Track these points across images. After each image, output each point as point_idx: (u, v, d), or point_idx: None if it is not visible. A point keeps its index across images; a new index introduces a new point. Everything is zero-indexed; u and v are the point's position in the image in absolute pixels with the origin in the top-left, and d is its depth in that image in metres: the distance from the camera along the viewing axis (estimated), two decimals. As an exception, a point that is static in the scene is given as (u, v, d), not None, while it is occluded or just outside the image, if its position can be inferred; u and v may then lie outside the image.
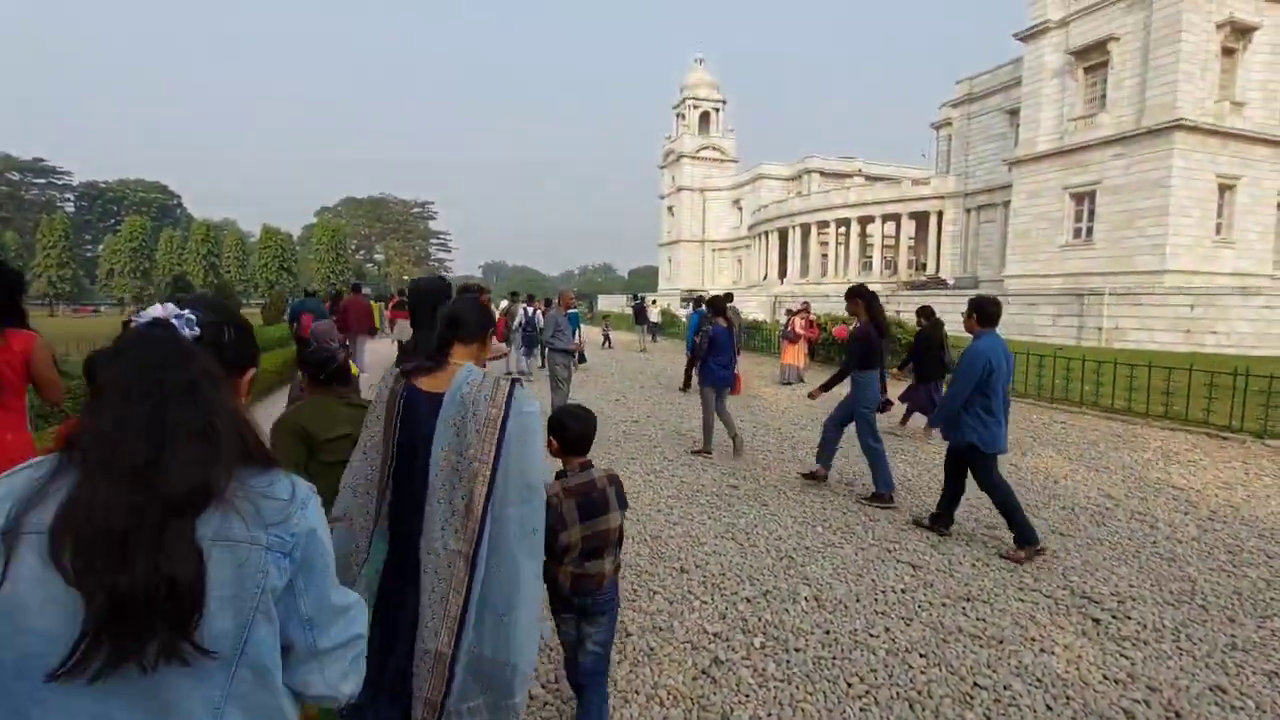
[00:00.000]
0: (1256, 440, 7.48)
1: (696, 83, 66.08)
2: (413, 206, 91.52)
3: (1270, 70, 24.53)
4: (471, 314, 1.92)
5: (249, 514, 0.88)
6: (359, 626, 1.03)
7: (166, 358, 0.89)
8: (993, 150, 34.36)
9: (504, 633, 1.63)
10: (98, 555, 0.76)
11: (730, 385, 7.09)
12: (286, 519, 0.91)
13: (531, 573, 1.70)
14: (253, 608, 0.86)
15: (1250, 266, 24.42)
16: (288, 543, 0.91)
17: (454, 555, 1.61)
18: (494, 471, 1.62)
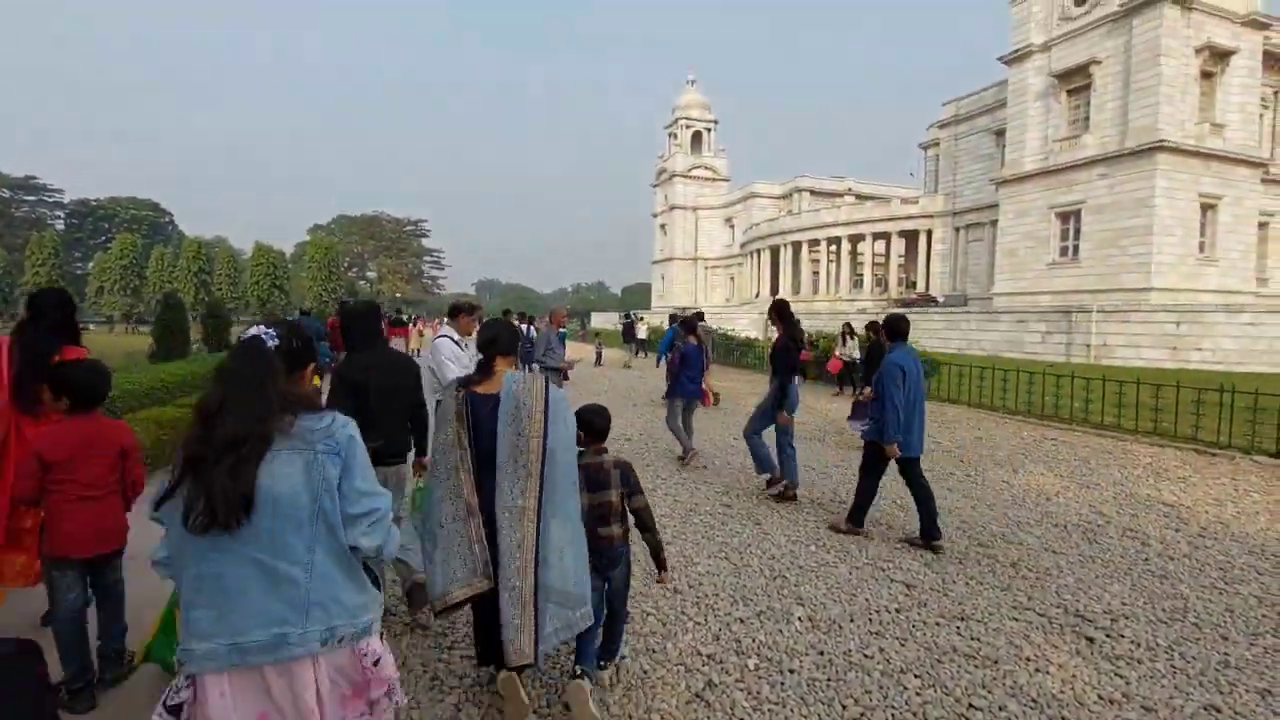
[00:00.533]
0: (1244, 456, 7.54)
1: (689, 103, 66.96)
2: (406, 225, 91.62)
3: (1248, 93, 25.18)
4: (506, 334, 2.60)
5: (305, 436, 1.54)
6: (377, 503, 1.62)
7: (250, 355, 1.61)
8: (980, 170, 34.92)
9: (566, 566, 2.34)
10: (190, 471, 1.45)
11: (699, 398, 7.60)
12: (331, 434, 1.57)
13: (576, 512, 2.46)
14: (319, 489, 1.51)
15: (1234, 284, 24.83)
16: (336, 446, 1.56)
17: (524, 510, 2.32)
18: (545, 443, 2.36)
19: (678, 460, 7.29)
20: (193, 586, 1.49)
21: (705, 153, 66.97)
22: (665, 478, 6.61)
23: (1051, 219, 27.01)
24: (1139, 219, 23.72)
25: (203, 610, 1.47)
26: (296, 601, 1.49)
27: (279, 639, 1.47)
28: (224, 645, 1.45)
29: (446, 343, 4.81)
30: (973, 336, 23.67)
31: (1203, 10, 23.58)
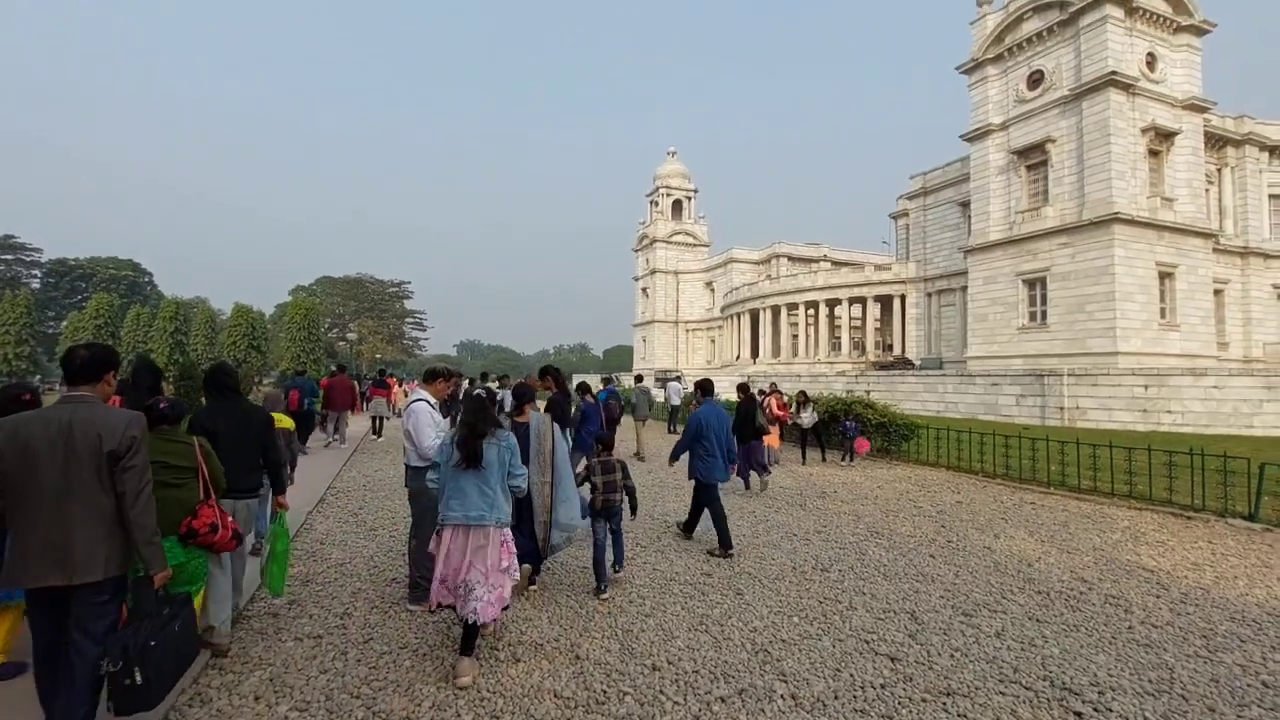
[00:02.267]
0: (1219, 519, 7.60)
1: (670, 173, 69.51)
2: (389, 286, 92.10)
3: (1193, 170, 26.85)
4: (529, 391, 5.29)
5: (497, 436, 3.88)
6: (520, 469, 3.99)
7: (480, 401, 3.99)
8: (948, 239, 36.35)
9: (565, 508, 4.87)
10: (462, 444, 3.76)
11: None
12: (506, 439, 3.94)
13: (570, 479, 5.03)
14: (504, 458, 3.85)
15: (1196, 348, 25.70)
16: (509, 444, 3.93)
17: (544, 484, 4.83)
18: (553, 449, 4.95)
19: (673, 530, 7.13)
20: (450, 491, 3.75)
21: (686, 219, 69.05)
22: (644, 545, 6.46)
23: (1019, 285, 28.01)
24: (1101, 286, 24.70)
25: (454, 500, 3.72)
26: (490, 502, 3.73)
27: (481, 516, 3.69)
28: (459, 515, 3.68)
29: (424, 408, 4.76)
30: (950, 400, 24.01)
31: (1145, 95, 25.42)
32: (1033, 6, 27.61)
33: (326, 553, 6.04)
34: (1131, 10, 25.25)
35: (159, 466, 3.25)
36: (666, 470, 9.62)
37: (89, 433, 2.60)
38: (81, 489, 2.58)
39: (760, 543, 6.58)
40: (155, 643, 2.68)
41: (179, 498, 3.36)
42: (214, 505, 3.54)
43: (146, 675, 2.62)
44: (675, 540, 6.66)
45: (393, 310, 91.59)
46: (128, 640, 2.61)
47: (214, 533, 3.45)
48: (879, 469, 11.73)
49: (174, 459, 3.45)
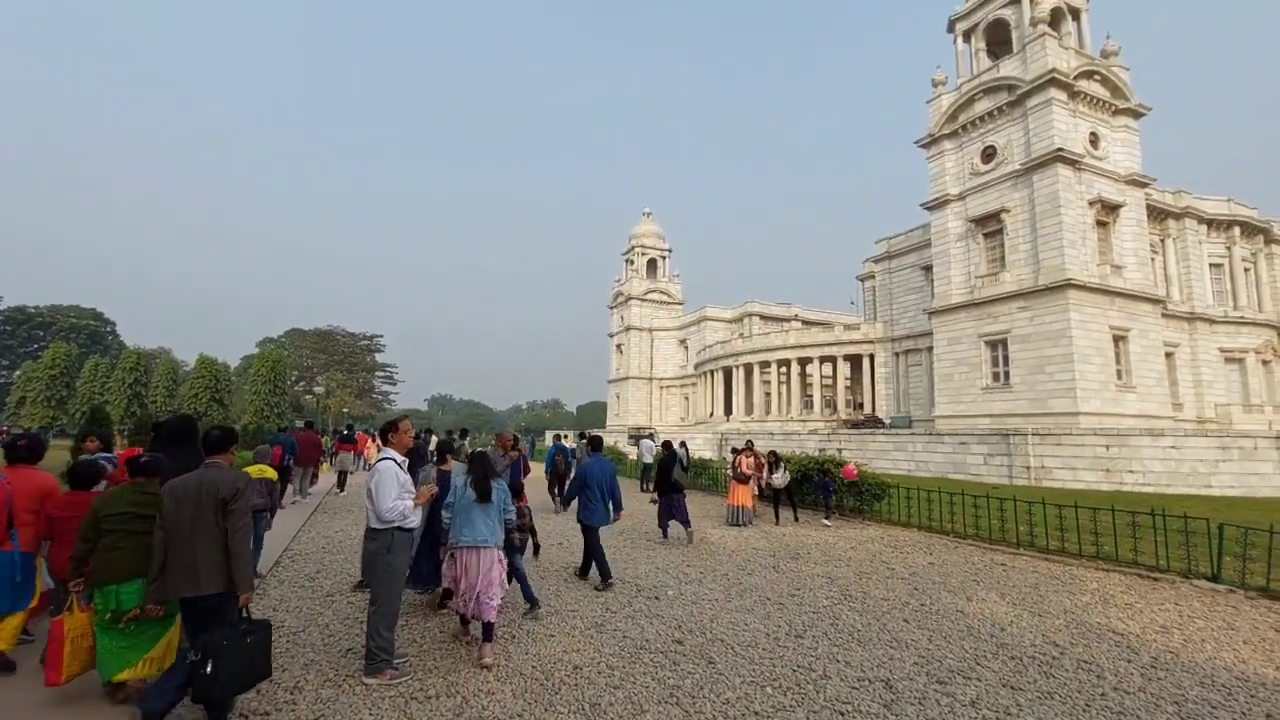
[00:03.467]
0: (1184, 580, 7.69)
1: (645, 233, 71.22)
2: (360, 339, 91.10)
3: (1138, 240, 28.45)
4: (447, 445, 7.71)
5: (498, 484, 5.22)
6: (511, 506, 5.37)
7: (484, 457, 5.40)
8: (913, 301, 37.57)
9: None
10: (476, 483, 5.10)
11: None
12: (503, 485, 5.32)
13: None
14: (502, 497, 5.22)
15: (1153, 409, 26.57)
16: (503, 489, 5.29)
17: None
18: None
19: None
20: (462, 521, 5.01)
21: (660, 278, 70.36)
22: (614, 610, 6.27)
23: (982, 346, 28.90)
24: (1060, 348, 25.63)
25: (465, 529, 4.98)
26: (491, 530, 5.02)
27: (485, 540, 4.96)
28: (470, 539, 4.94)
29: (390, 468, 4.63)
30: (919, 458, 24.26)
31: (1090, 170, 27.16)
32: (983, 89, 29.64)
33: (279, 620, 5.72)
34: (1074, 94, 27.26)
35: (131, 516, 3.89)
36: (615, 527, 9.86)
37: (212, 488, 3.67)
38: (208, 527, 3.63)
39: (733, 607, 6.44)
40: (227, 643, 3.40)
41: (149, 544, 3.71)
42: None
43: (216, 668, 3.30)
44: (648, 602, 6.48)
45: (363, 364, 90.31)
46: (209, 638, 3.37)
47: None
48: (851, 529, 11.69)
49: (145, 509, 3.89)
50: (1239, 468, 17.54)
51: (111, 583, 3.82)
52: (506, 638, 5.38)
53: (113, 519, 3.87)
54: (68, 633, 3.84)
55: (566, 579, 7.58)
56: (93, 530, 3.86)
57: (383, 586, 4.54)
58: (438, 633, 5.53)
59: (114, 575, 3.83)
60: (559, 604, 6.46)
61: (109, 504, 3.94)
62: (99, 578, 3.83)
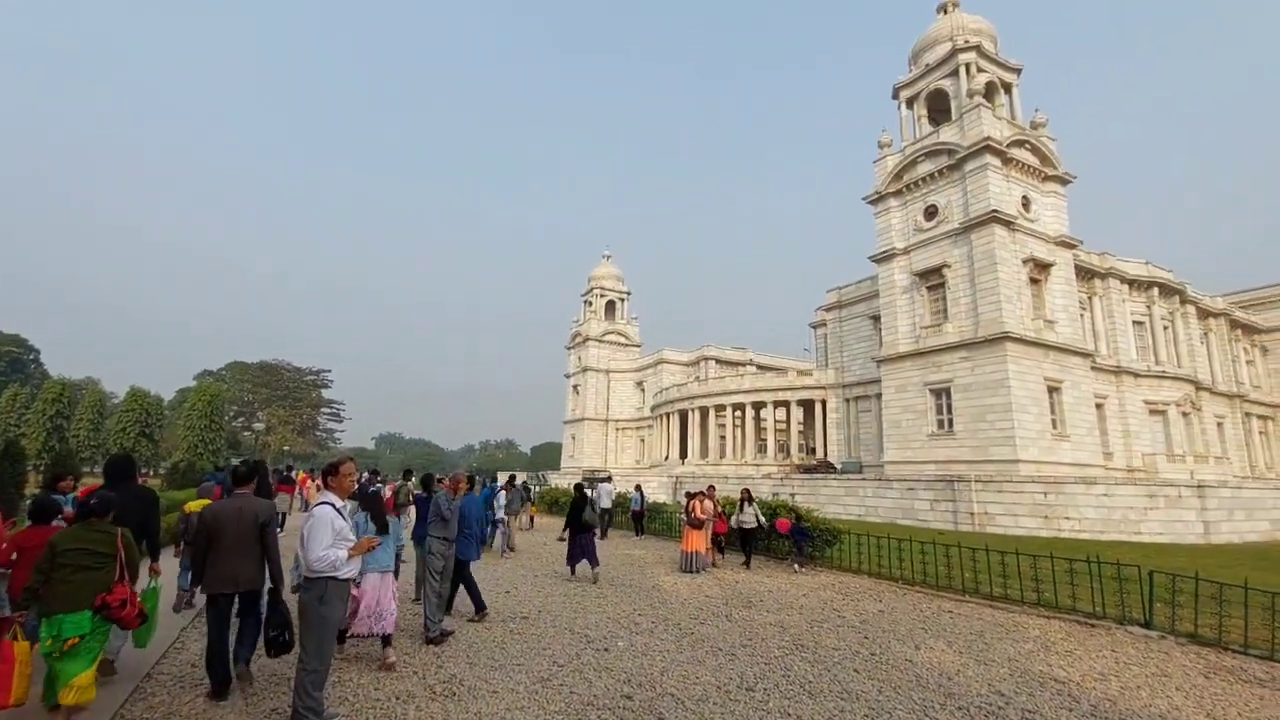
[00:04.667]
0: (1119, 627, 7.92)
1: (604, 275, 71.91)
2: (306, 374, 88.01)
3: (1068, 297, 30.27)
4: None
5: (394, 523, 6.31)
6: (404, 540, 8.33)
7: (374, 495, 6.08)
8: (863, 349, 38.77)
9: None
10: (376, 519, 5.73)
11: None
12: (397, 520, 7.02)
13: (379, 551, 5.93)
14: (396, 531, 6.35)
15: (1085, 458, 27.81)
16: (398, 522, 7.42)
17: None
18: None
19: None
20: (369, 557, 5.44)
21: (618, 320, 70.83)
22: (562, 664, 6.03)
23: (927, 395, 29.91)
24: (999, 397, 26.73)
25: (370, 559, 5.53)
26: (389, 557, 5.96)
27: (387, 566, 5.92)
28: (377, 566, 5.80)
29: (326, 514, 4.41)
30: (869, 503, 24.64)
31: (1023, 231, 28.97)
32: (925, 152, 31.52)
33: (198, 677, 5.30)
34: (1007, 160, 29.26)
35: (82, 553, 4.23)
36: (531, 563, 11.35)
37: (250, 513, 5.05)
38: (246, 541, 4.99)
39: (685, 659, 6.29)
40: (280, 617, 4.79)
41: (98, 579, 4.23)
42: (127, 585, 4.36)
43: (289, 636, 4.75)
44: (597, 654, 6.27)
45: (308, 399, 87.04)
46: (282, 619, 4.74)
47: (123, 608, 4.28)
48: (803, 576, 11.69)
49: (96, 546, 4.31)
50: (1165, 515, 18.42)
51: (60, 613, 4.09)
52: (446, 695, 5.11)
53: (68, 554, 4.17)
54: (17, 656, 3.99)
55: (513, 630, 7.29)
56: (48, 564, 4.13)
57: (312, 641, 4.27)
58: (373, 691, 5.21)
59: (63, 606, 4.10)
60: (504, 657, 6.20)
61: (65, 540, 4.25)
62: (49, 608, 4.11)
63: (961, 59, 31.06)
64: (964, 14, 33.77)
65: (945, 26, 33.42)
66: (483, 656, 6.18)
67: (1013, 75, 32.40)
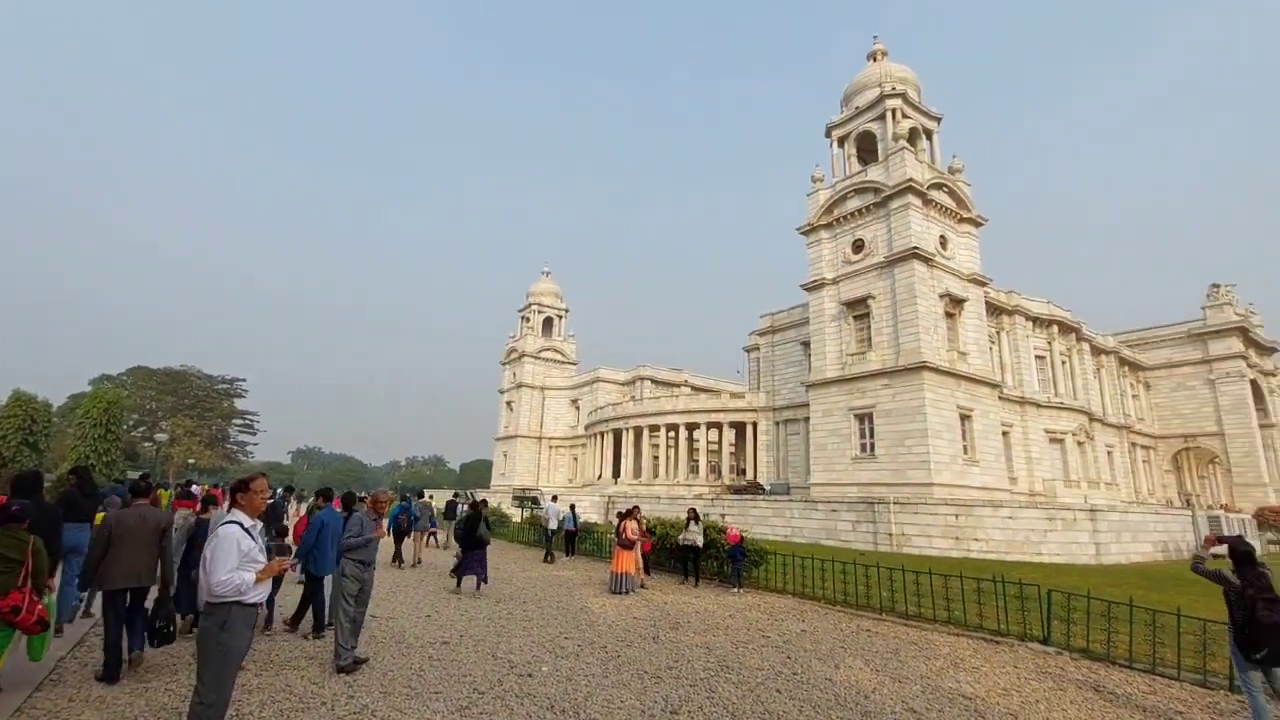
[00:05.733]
0: (1021, 643, 8.40)
1: (543, 291, 71.41)
2: (218, 382, 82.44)
3: (979, 331, 32.34)
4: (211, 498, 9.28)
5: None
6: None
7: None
8: (793, 373, 40.01)
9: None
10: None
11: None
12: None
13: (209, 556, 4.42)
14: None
15: (992, 482, 29.57)
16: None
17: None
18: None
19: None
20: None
21: (555, 337, 70.34)
22: (483, 690, 5.82)
23: (852, 419, 31.12)
24: (916, 424, 28.13)
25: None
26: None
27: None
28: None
29: (233, 534, 4.11)
30: (796, 524, 25.26)
31: (940, 267, 30.86)
32: (854, 188, 33.19)
33: (77, 712, 4.79)
34: (927, 201, 31.20)
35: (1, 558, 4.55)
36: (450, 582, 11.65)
37: (153, 518, 5.97)
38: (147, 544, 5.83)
39: (610, 683, 6.20)
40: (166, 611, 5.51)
41: (3, 583, 4.52)
42: (27, 592, 4.60)
43: (172, 629, 5.51)
44: (519, 679, 6.09)
45: (218, 409, 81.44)
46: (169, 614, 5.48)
47: (16, 614, 4.47)
48: (731, 596, 11.81)
49: (12, 551, 4.64)
50: (1063, 537, 19.77)
51: None
52: (356, 727, 4.83)
53: None
54: None
55: (432, 656, 6.99)
56: None
57: (210, 672, 3.94)
58: (273, 725, 4.86)
59: None
60: (421, 685, 5.92)
61: None
62: None
63: (888, 104, 33.04)
64: (892, 63, 36.02)
65: (875, 73, 35.50)
66: (398, 685, 5.89)
67: (933, 123, 34.72)
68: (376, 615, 8.88)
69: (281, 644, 7.25)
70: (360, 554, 6.67)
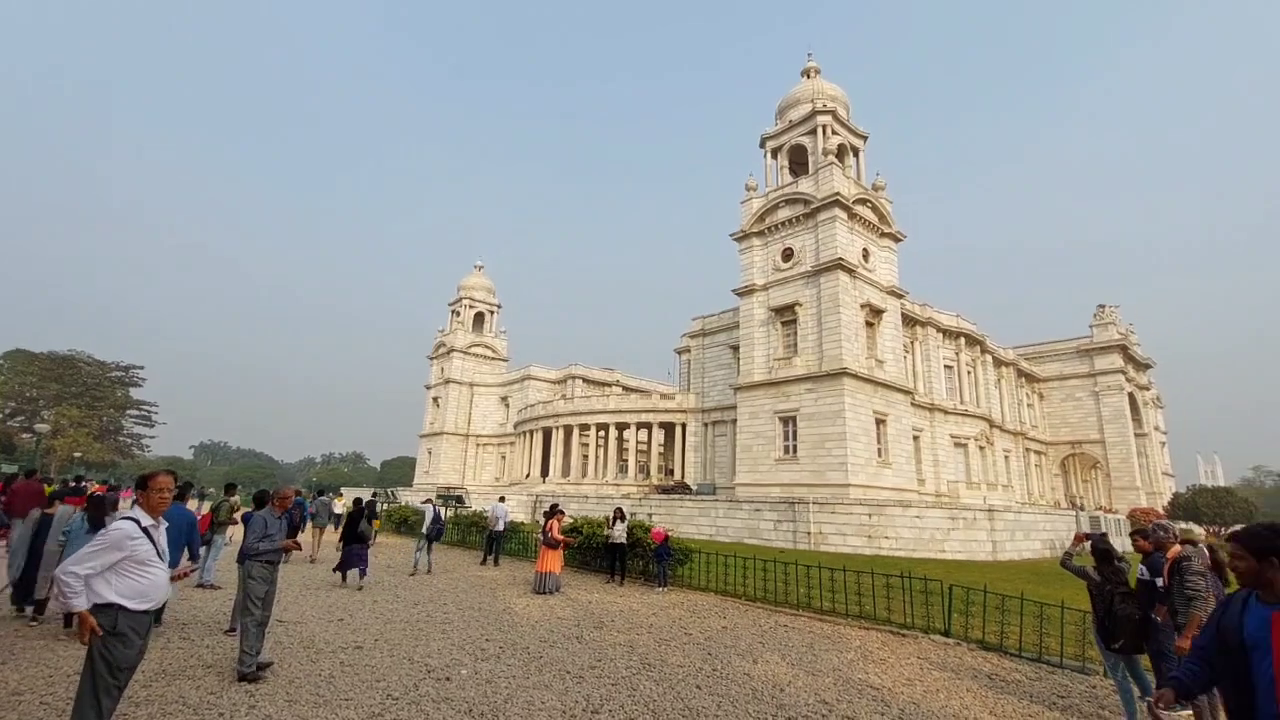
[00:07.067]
0: (924, 635, 8.92)
1: (475, 285, 69.70)
2: (111, 369, 75.74)
3: (895, 340, 34.08)
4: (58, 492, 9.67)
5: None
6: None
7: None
8: (722, 376, 40.84)
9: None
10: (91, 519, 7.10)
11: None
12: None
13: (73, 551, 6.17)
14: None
15: (903, 483, 31.23)
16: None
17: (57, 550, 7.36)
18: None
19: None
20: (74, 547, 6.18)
21: (487, 332, 68.85)
22: (397, 696, 5.62)
23: (776, 422, 32.12)
24: (836, 427, 29.37)
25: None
26: None
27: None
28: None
29: (125, 530, 3.79)
30: (720, 524, 25.81)
31: (862, 279, 32.36)
32: (785, 199, 34.29)
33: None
34: (852, 215, 32.63)
35: None
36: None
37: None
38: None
39: (531, 684, 6.13)
40: None
41: None
42: None
43: None
44: (435, 686, 5.92)
45: (111, 399, 74.85)
46: None
47: None
48: (656, 595, 11.93)
49: None
50: (964, 535, 21.14)
51: None
52: (257, 739, 4.55)
53: None
54: None
55: (344, 661, 6.69)
56: None
57: (87, 682, 3.62)
58: (162, 740, 4.51)
59: None
60: (330, 693, 5.66)
61: None
62: None
63: (820, 120, 34.33)
64: (824, 81, 37.45)
65: (807, 89, 36.80)
66: (305, 693, 5.60)
67: (860, 141, 36.34)
68: (284, 620, 8.42)
69: (175, 651, 6.74)
70: (270, 555, 6.31)
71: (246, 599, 6.11)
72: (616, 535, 13.29)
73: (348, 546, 12.00)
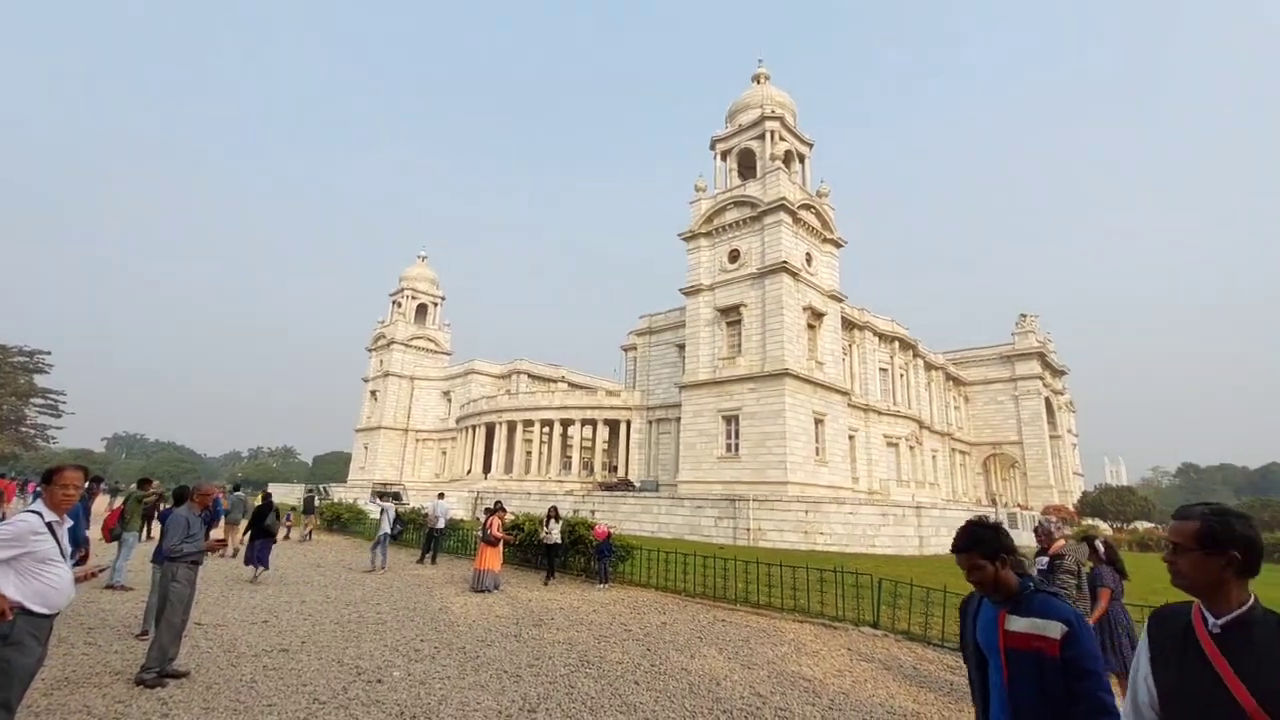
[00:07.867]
0: (855, 628, 9.26)
1: (417, 276, 67.83)
2: (14, 354, 69.73)
3: (835, 343, 35.19)
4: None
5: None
6: None
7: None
8: (667, 374, 41.19)
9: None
10: None
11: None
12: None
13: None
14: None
15: (839, 481, 32.32)
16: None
17: None
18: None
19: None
20: None
21: (429, 325, 67.14)
22: (324, 700, 5.42)
23: (719, 420, 32.65)
24: (777, 426, 30.11)
25: None
26: None
27: None
28: None
29: (25, 529, 3.51)
30: (662, 520, 26.05)
31: (805, 282, 33.26)
32: (733, 201, 34.86)
33: None
34: (797, 220, 33.48)
35: None
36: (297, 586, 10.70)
37: None
38: None
39: (467, 684, 6.02)
40: None
41: None
42: None
43: None
44: (365, 689, 5.73)
45: (11, 385, 68.85)
46: None
47: None
48: (595, 592, 11.93)
49: None
50: (894, 531, 22.05)
51: None
52: (169, 749, 4.30)
53: None
54: None
55: (267, 665, 6.40)
56: None
57: None
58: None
59: None
60: (251, 699, 5.40)
61: None
62: None
63: (768, 125, 35.04)
64: (773, 87, 38.25)
65: (757, 95, 37.49)
66: (223, 699, 5.32)
67: (806, 148, 37.31)
68: (203, 623, 7.98)
69: (80, 656, 6.29)
70: (194, 556, 5.97)
71: (168, 602, 5.75)
72: (550, 536, 13.22)
73: (254, 540, 12.31)
